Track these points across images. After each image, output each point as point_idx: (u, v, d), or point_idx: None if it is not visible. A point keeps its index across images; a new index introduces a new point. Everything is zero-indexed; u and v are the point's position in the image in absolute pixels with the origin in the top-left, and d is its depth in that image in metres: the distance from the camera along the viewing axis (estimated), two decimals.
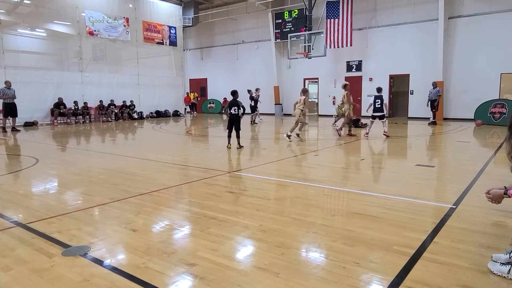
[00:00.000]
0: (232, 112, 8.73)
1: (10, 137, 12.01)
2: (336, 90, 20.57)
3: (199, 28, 25.13)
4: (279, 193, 5.06)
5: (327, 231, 3.45)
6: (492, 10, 15.60)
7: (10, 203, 4.50)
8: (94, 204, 4.42)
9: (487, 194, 2.67)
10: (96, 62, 19.39)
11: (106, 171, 6.54)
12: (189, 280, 2.56)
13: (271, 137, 11.93)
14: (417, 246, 3.07)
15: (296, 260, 2.88)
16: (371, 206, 4.19)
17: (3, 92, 13.41)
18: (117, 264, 2.83)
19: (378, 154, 8.59)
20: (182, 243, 3.27)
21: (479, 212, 3.94)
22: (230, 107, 8.77)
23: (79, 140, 11.59)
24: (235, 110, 8.72)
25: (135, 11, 20.29)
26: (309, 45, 18.44)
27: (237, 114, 8.76)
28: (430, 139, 10.91)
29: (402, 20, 17.85)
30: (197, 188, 5.22)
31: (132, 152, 8.67)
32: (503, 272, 2.52)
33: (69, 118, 17.09)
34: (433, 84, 15.15)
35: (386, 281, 2.51)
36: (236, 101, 8.84)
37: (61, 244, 3.18)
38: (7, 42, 15.85)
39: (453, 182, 5.51)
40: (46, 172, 6.51)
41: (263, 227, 3.57)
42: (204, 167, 6.76)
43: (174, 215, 4.03)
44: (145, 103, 21.01)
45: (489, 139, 10.67)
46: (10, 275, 2.65)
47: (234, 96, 8.92)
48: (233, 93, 9.00)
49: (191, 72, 26.86)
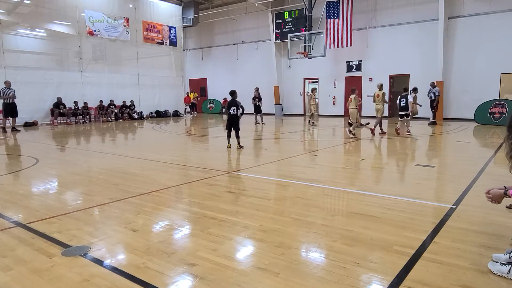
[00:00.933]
0: (231, 112, 8.73)
1: (10, 137, 12.01)
2: (336, 90, 20.60)
3: (199, 28, 25.13)
4: (279, 193, 5.06)
5: (327, 231, 3.45)
6: (492, 10, 15.60)
7: (10, 203, 4.50)
8: (94, 204, 4.42)
9: (487, 194, 2.67)
10: (96, 62, 19.39)
11: (106, 171, 6.54)
12: (189, 280, 2.56)
13: (271, 137, 11.93)
14: (417, 246, 3.07)
15: (296, 260, 2.88)
16: (371, 206, 4.19)
17: (3, 92, 13.41)
18: (117, 264, 2.83)
19: (378, 154, 8.59)
20: (182, 243, 3.27)
21: (479, 212, 3.95)
22: (229, 107, 8.77)
23: (79, 140, 11.59)
24: (234, 110, 8.71)
25: (135, 11, 20.29)
26: (309, 45, 18.43)
27: (236, 114, 8.74)
28: (430, 139, 10.91)
29: (402, 20, 17.85)
30: (197, 188, 5.22)
31: (132, 152, 8.67)
32: (503, 272, 2.52)
33: (69, 118, 17.09)
34: (432, 84, 15.14)
35: (386, 281, 2.51)
36: (235, 101, 8.81)
37: (61, 244, 3.18)
38: (7, 42, 15.85)
39: (453, 182, 5.51)
40: (46, 172, 6.51)
41: (263, 227, 3.57)
42: (204, 167, 6.76)
43: (174, 215, 4.03)
44: (145, 103, 21.00)
45: (489, 139, 10.67)
46: (10, 275, 2.65)
47: (233, 96, 8.90)
48: (232, 93, 8.98)
49: (191, 72, 26.86)
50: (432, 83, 15.15)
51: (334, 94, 20.72)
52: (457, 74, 16.60)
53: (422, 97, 16.83)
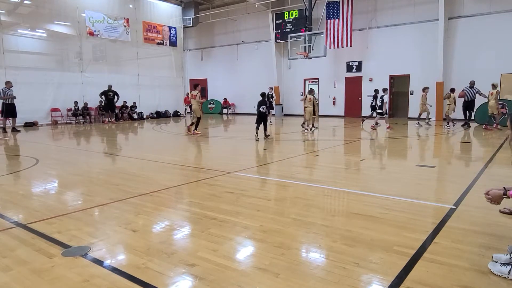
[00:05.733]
0: (261, 110, 10.56)
1: (10, 138, 12.02)
2: (337, 91, 20.61)
3: (199, 28, 25.14)
4: (279, 194, 5.06)
5: (327, 232, 3.45)
6: (492, 10, 15.60)
7: (10, 204, 4.50)
8: (94, 204, 4.42)
9: (486, 195, 2.67)
10: (96, 63, 19.41)
11: (106, 171, 6.54)
12: (189, 281, 2.56)
13: (271, 138, 11.92)
14: (417, 246, 3.07)
15: (296, 260, 2.88)
16: (371, 207, 4.19)
17: (4, 92, 13.43)
18: (117, 264, 2.83)
19: (378, 155, 8.58)
20: (182, 244, 3.27)
21: (479, 212, 3.94)
22: (259, 106, 10.54)
23: (79, 140, 11.59)
24: (263, 109, 10.57)
25: (135, 11, 20.30)
26: (309, 46, 18.45)
27: (264, 112, 10.64)
28: (430, 140, 10.91)
29: (402, 20, 17.86)
30: (197, 188, 5.22)
31: (132, 153, 8.67)
32: (503, 273, 2.52)
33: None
34: (471, 83, 13.81)
35: (386, 281, 2.51)
36: (265, 101, 10.61)
37: (61, 244, 3.18)
38: (8, 42, 15.85)
39: (453, 182, 5.51)
40: (46, 172, 6.51)
41: (263, 227, 3.57)
42: (204, 168, 6.76)
43: (174, 216, 4.03)
44: (145, 103, 20.99)
45: (489, 139, 10.66)
46: (10, 275, 2.65)
47: (263, 98, 10.73)
48: (262, 95, 10.84)
49: (191, 72, 26.86)
50: (472, 82, 13.86)
51: (334, 95, 20.72)
52: (457, 75, 16.59)
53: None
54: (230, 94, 24.58)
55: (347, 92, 20.30)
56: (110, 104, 17.95)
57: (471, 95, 13.89)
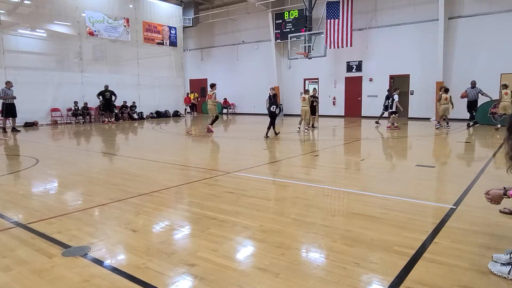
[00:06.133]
0: (272, 110, 11.16)
1: (10, 138, 12.02)
2: (337, 91, 20.61)
3: (199, 28, 25.13)
4: (279, 194, 5.06)
5: (327, 232, 3.45)
6: (492, 10, 15.59)
7: (10, 204, 4.50)
8: (94, 204, 4.42)
9: (486, 195, 2.67)
10: (96, 63, 19.41)
11: (106, 171, 6.54)
12: (189, 281, 2.56)
13: (271, 138, 11.92)
14: (417, 246, 3.07)
15: (296, 260, 2.88)
16: (371, 207, 4.19)
17: (4, 92, 13.43)
18: (117, 264, 2.83)
19: (378, 155, 8.58)
20: (182, 244, 3.27)
21: (479, 212, 3.94)
22: (270, 106, 11.27)
23: (79, 140, 11.59)
24: (273, 108, 11.19)
25: (135, 11, 20.30)
26: (309, 46, 18.44)
27: (274, 112, 11.22)
28: (430, 140, 10.90)
29: (402, 20, 17.85)
30: (197, 188, 5.22)
31: (132, 153, 8.67)
32: (503, 273, 2.52)
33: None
34: (472, 83, 14.01)
35: (386, 281, 2.51)
36: (276, 101, 11.44)
37: (61, 244, 3.18)
38: (8, 42, 15.85)
39: (453, 182, 5.51)
40: (46, 172, 6.51)
41: (263, 227, 3.57)
42: (204, 168, 6.76)
43: (174, 216, 4.03)
44: (145, 103, 21.00)
45: (489, 140, 10.66)
46: (10, 275, 2.65)
47: (274, 98, 11.93)
48: (274, 95, 12.06)
49: (191, 72, 26.85)
50: (473, 82, 14.03)
51: (334, 95, 20.72)
52: (457, 75, 16.59)
53: (423, 98, 16.85)
54: (230, 94, 24.57)
55: (347, 92, 20.30)
56: (108, 104, 17.95)
57: (473, 95, 13.98)
